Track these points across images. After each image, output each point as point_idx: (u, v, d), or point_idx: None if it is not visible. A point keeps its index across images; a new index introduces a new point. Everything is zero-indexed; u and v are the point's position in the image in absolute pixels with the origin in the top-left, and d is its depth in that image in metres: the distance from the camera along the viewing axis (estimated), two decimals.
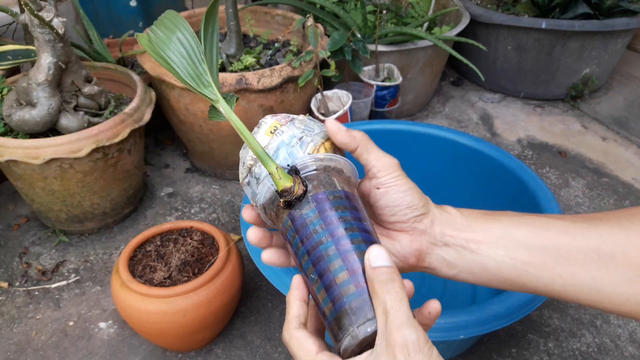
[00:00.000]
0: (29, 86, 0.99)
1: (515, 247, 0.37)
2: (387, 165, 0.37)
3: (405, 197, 0.37)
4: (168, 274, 0.84)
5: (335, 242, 0.33)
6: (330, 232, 0.33)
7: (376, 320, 0.31)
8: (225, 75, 1.09)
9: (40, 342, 0.93)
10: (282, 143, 0.36)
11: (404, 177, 0.38)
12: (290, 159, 0.35)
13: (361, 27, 1.44)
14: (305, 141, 0.36)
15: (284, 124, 0.37)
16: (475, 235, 0.38)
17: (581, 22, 1.50)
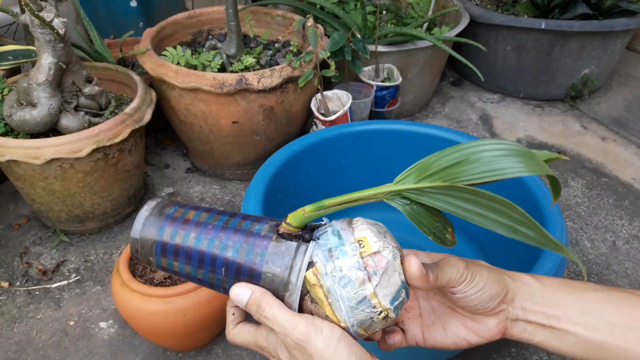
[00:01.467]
0: (29, 86, 0.99)
1: (597, 324, 0.36)
2: (455, 276, 0.37)
3: (483, 294, 0.38)
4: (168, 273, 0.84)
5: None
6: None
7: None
8: (225, 75, 1.10)
9: (40, 342, 0.93)
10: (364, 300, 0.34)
11: (476, 273, 0.37)
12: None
13: (361, 27, 1.44)
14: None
15: (380, 268, 0.34)
16: (556, 311, 0.38)
17: (580, 23, 1.50)
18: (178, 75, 1.11)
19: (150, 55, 1.17)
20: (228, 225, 0.36)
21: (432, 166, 0.31)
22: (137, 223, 0.38)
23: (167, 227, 0.37)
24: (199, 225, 0.36)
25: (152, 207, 0.38)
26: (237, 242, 0.35)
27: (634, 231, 1.20)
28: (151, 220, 0.38)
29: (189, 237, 0.36)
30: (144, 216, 0.38)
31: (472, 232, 1.10)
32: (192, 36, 1.41)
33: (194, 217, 0.37)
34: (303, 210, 0.35)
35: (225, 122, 1.17)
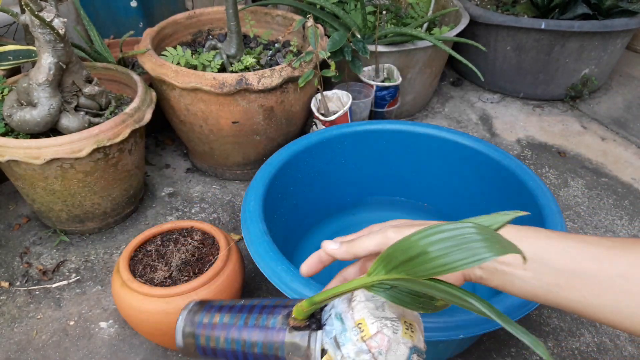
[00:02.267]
0: (29, 86, 0.99)
1: (543, 270, 0.38)
2: (372, 247, 0.41)
3: None
4: (169, 273, 0.84)
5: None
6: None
7: None
8: (225, 75, 1.10)
9: (41, 342, 0.93)
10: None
11: (404, 228, 0.40)
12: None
13: (361, 27, 1.44)
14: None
15: (383, 347, 0.36)
16: (506, 258, 0.39)
17: (580, 23, 1.50)
18: (178, 75, 1.11)
19: (150, 55, 1.17)
20: (248, 324, 0.41)
21: (393, 258, 0.33)
22: (177, 335, 0.44)
23: (200, 336, 0.43)
24: (224, 327, 0.42)
25: (184, 317, 0.44)
26: (259, 339, 0.40)
27: (634, 231, 1.20)
28: (187, 331, 0.44)
29: (220, 341, 0.42)
30: (181, 327, 0.44)
31: None
32: (192, 36, 1.41)
33: (219, 321, 0.43)
34: (302, 306, 0.38)
35: (225, 122, 1.17)
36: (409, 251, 0.31)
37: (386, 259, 0.33)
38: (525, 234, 0.40)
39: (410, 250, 0.31)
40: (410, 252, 0.31)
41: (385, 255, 0.33)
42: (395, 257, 0.33)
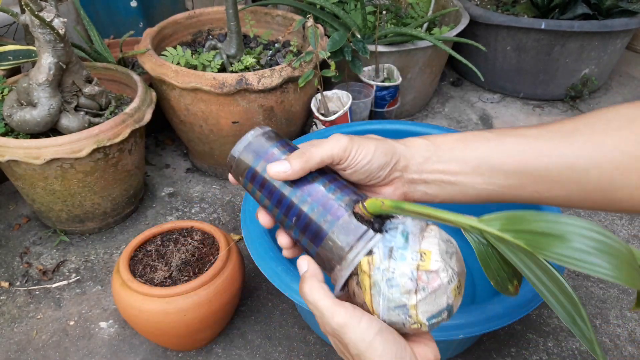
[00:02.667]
0: (29, 86, 0.99)
1: (492, 173, 0.38)
2: (340, 152, 0.37)
3: (371, 166, 0.38)
4: (169, 273, 0.84)
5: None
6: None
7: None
8: (225, 75, 1.10)
9: (41, 342, 0.93)
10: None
11: (362, 147, 0.38)
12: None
13: (361, 27, 1.44)
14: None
15: (430, 287, 0.35)
16: (451, 167, 0.38)
17: (580, 23, 1.50)
18: (178, 75, 1.11)
19: (150, 55, 1.17)
20: (314, 182, 0.38)
21: (521, 223, 0.31)
22: (240, 144, 0.40)
23: (262, 160, 0.39)
24: None
25: (258, 134, 0.40)
26: (316, 202, 0.37)
27: (634, 231, 1.20)
28: (252, 147, 0.40)
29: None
30: (248, 140, 0.40)
31: None
32: (192, 36, 1.41)
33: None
34: (382, 202, 0.35)
35: (225, 122, 1.17)
36: (547, 227, 0.29)
37: (512, 219, 0.31)
38: (467, 140, 0.39)
39: (549, 227, 0.29)
40: (548, 228, 0.29)
41: (510, 215, 0.32)
42: (524, 223, 0.31)
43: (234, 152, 0.40)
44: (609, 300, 1.03)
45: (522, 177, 0.37)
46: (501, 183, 0.38)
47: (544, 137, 0.37)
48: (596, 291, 1.05)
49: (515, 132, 0.38)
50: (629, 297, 1.04)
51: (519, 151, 0.37)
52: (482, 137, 0.39)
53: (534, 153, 0.37)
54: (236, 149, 0.40)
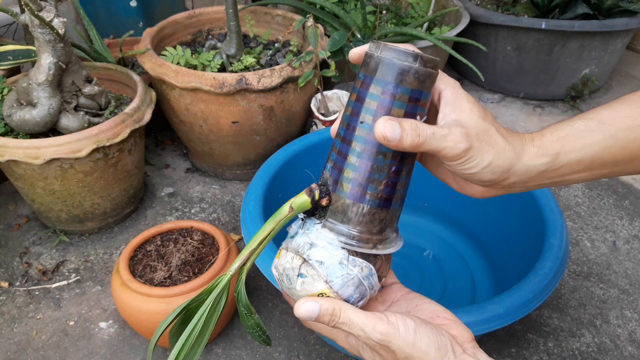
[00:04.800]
0: (29, 86, 0.99)
1: (602, 166, 0.37)
2: (448, 156, 0.34)
3: (473, 177, 0.36)
4: (168, 273, 0.84)
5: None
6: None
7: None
8: (225, 75, 1.10)
9: (40, 342, 0.93)
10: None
11: (475, 158, 0.34)
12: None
13: (361, 27, 1.44)
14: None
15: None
16: (562, 170, 0.37)
17: (581, 23, 1.50)
18: (178, 75, 1.11)
19: (150, 55, 1.17)
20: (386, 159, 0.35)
21: None
22: (394, 54, 0.34)
23: (390, 90, 0.34)
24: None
25: (415, 67, 0.34)
26: (360, 167, 0.36)
27: (634, 231, 1.20)
28: (402, 73, 0.34)
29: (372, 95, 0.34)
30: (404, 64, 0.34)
31: (474, 233, 1.10)
32: (192, 36, 1.41)
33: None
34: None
35: (225, 122, 1.17)
36: None
37: None
38: (583, 136, 0.36)
39: None
40: None
41: None
42: None
43: (381, 53, 0.34)
44: (609, 300, 1.03)
45: (631, 162, 0.37)
46: (606, 171, 0.37)
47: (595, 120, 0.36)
48: (596, 291, 1.05)
49: (623, 114, 0.36)
50: (629, 297, 1.04)
51: (632, 139, 0.36)
52: (597, 130, 0.36)
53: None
54: (387, 52, 0.33)
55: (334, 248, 0.35)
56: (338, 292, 0.35)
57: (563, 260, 0.78)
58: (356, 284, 0.35)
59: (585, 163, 0.37)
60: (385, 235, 0.36)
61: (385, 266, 0.37)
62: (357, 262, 0.35)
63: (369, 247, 0.36)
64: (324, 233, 0.36)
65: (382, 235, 0.36)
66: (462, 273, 1.04)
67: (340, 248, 0.35)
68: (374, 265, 0.36)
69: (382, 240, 0.36)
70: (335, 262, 0.35)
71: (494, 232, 1.03)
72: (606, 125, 0.36)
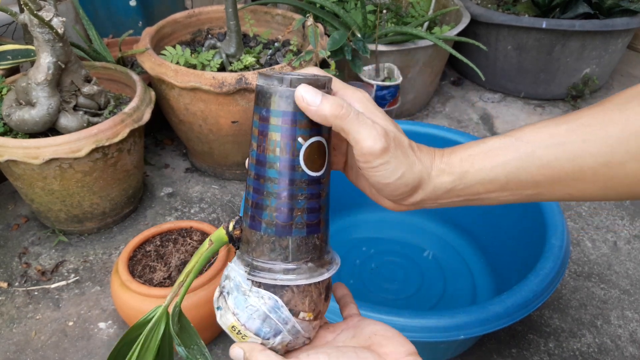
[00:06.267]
0: (28, 86, 0.99)
1: (520, 186, 0.35)
2: (367, 152, 0.33)
3: (385, 188, 0.35)
4: (168, 274, 0.84)
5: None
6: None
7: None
8: (225, 74, 1.09)
9: (39, 342, 0.93)
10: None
11: (390, 164, 0.33)
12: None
13: (361, 26, 1.44)
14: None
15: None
16: (476, 189, 0.35)
17: (581, 22, 1.49)
18: (177, 75, 1.11)
19: (149, 55, 1.17)
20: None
21: None
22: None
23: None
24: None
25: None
26: (277, 192, 0.35)
27: (635, 231, 1.20)
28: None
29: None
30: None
31: (474, 233, 1.09)
32: (191, 35, 1.41)
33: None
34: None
35: (224, 122, 1.17)
36: None
37: None
38: (495, 155, 0.35)
39: None
40: None
41: None
42: None
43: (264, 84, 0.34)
44: (610, 300, 1.03)
45: (554, 184, 0.34)
46: (529, 193, 0.35)
47: (576, 133, 0.33)
48: (597, 292, 1.05)
49: (546, 132, 0.34)
50: (630, 297, 1.03)
51: (552, 159, 0.33)
52: (512, 147, 0.35)
53: (568, 157, 0.33)
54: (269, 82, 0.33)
55: (241, 279, 0.35)
56: (245, 325, 0.34)
57: (564, 260, 0.77)
58: (262, 317, 0.34)
59: (499, 182, 0.35)
60: (292, 265, 0.35)
61: (300, 298, 0.35)
62: (260, 293, 0.34)
63: (272, 279, 0.34)
64: (235, 263, 0.35)
65: (287, 265, 0.34)
66: (462, 273, 1.04)
67: (246, 279, 0.34)
68: (280, 297, 0.34)
69: (287, 270, 0.34)
70: (240, 294, 0.34)
71: (495, 233, 1.03)
72: (523, 142, 0.34)
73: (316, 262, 0.36)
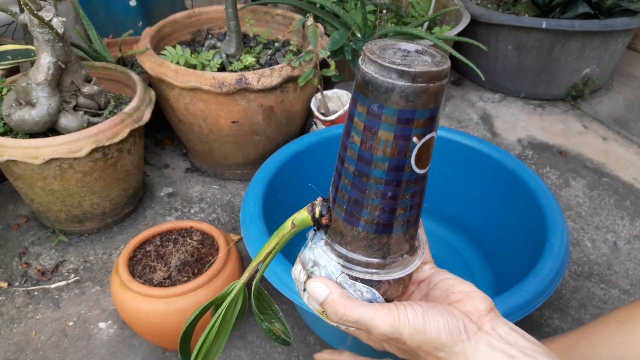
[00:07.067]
0: (28, 86, 0.99)
1: None
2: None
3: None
4: (168, 274, 0.84)
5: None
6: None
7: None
8: (225, 74, 1.09)
9: (39, 342, 0.93)
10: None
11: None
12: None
13: (361, 26, 1.44)
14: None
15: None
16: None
17: (581, 22, 1.49)
18: (177, 75, 1.11)
19: (149, 55, 1.17)
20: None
21: None
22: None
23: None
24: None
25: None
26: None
27: (635, 231, 1.20)
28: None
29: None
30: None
31: (474, 233, 1.09)
32: (191, 35, 1.41)
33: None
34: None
35: (224, 122, 1.17)
36: None
37: None
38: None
39: None
40: None
41: None
42: None
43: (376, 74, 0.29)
44: (610, 300, 1.03)
45: None
46: None
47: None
48: (597, 292, 1.05)
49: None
50: (630, 297, 1.03)
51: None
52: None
53: None
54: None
55: (334, 269, 0.34)
56: None
57: (564, 260, 0.77)
58: None
59: None
60: (389, 259, 0.34)
61: (395, 288, 0.35)
62: (357, 286, 0.34)
63: (369, 273, 0.33)
64: (325, 252, 0.34)
65: (384, 260, 0.33)
66: (462, 273, 1.04)
67: (339, 271, 0.34)
68: (377, 289, 0.34)
69: (384, 265, 0.33)
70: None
71: (495, 233, 1.03)
72: None
73: (410, 252, 0.35)
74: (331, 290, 0.34)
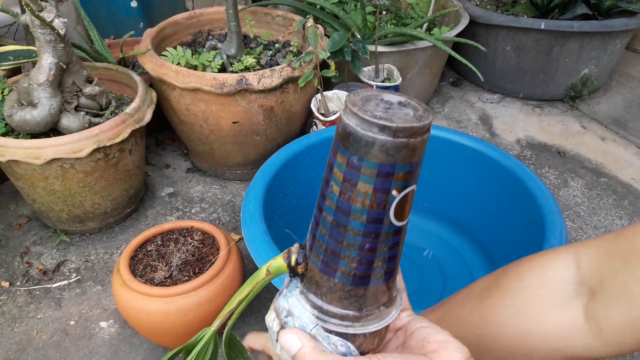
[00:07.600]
0: (30, 86, 0.99)
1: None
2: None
3: None
4: (169, 273, 0.84)
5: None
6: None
7: None
8: (225, 75, 1.10)
9: (41, 342, 0.94)
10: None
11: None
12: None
13: (361, 27, 1.45)
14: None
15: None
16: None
17: (580, 23, 1.50)
18: (178, 76, 1.11)
19: (150, 56, 1.18)
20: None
21: None
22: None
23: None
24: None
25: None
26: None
27: None
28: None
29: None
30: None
31: (474, 233, 1.10)
32: (192, 36, 1.41)
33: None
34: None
35: (225, 122, 1.17)
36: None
37: None
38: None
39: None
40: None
41: None
42: None
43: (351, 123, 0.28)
44: None
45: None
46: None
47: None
48: None
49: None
50: None
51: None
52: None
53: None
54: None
55: (308, 321, 0.33)
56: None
57: None
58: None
59: None
60: (365, 312, 0.33)
61: (370, 340, 0.34)
62: (331, 339, 0.33)
63: (344, 326, 0.32)
64: (300, 301, 0.34)
65: (360, 313, 0.33)
66: (461, 273, 1.05)
67: (314, 322, 0.33)
68: (352, 342, 0.33)
69: (360, 317, 0.33)
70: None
71: (494, 232, 1.04)
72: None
73: (387, 304, 0.34)
74: (304, 344, 0.33)
